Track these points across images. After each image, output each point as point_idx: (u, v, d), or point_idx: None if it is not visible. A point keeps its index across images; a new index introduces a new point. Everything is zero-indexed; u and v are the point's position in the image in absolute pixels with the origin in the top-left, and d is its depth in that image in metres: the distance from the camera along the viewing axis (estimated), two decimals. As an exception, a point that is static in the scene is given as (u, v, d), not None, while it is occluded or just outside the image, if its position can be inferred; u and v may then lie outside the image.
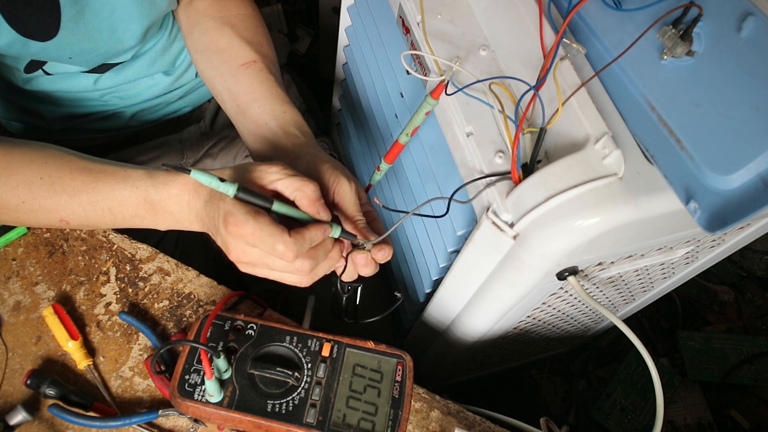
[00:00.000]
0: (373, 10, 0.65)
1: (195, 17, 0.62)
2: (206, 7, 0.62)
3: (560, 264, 0.47)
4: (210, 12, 0.62)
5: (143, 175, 0.48)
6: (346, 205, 0.49)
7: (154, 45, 0.65)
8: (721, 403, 1.10)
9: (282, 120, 0.55)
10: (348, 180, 0.49)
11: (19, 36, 0.52)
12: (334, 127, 0.96)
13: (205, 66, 0.61)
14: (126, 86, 0.67)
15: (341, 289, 0.52)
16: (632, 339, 0.52)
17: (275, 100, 0.56)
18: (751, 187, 0.37)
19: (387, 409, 0.48)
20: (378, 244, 0.48)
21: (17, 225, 0.58)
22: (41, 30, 0.53)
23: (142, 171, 0.49)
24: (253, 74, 0.58)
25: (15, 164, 0.48)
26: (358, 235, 0.48)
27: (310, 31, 1.37)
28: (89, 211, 0.49)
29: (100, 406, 0.52)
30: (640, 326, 1.21)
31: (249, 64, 0.58)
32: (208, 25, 0.61)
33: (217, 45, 0.60)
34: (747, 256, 1.29)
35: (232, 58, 0.59)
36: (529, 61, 0.50)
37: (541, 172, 0.44)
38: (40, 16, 0.52)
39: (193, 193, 0.47)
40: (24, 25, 0.51)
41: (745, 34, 0.38)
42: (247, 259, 0.44)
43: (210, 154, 0.81)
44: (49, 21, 0.52)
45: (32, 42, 0.53)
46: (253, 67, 0.58)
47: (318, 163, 0.50)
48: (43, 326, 0.56)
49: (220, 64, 0.59)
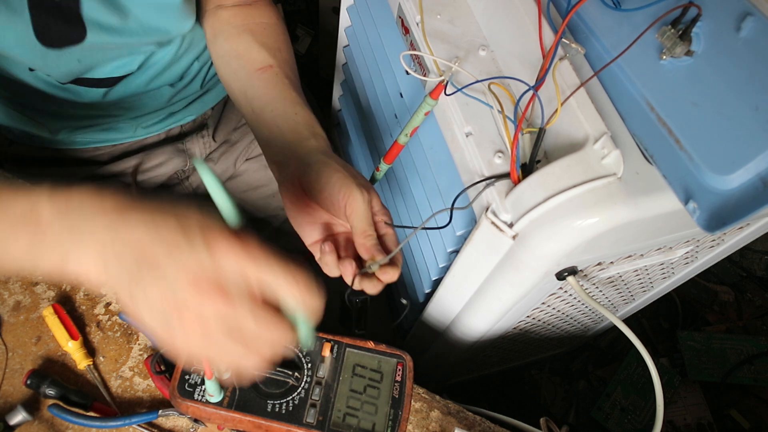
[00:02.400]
0: (372, 10, 0.65)
1: (218, 25, 0.63)
2: (230, 15, 0.63)
3: (559, 264, 0.47)
4: (233, 20, 0.62)
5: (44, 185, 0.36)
6: (356, 220, 0.46)
7: (161, 58, 0.65)
8: (721, 403, 1.10)
9: (293, 122, 0.54)
10: (361, 191, 0.46)
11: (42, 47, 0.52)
12: (334, 127, 0.96)
13: (225, 71, 0.61)
14: (132, 98, 0.67)
15: (349, 303, 0.51)
16: (632, 339, 0.52)
17: (288, 103, 0.56)
18: (751, 187, 0.37)
19: (387, 409, 0.48)
20: (384, 266, 0.46)
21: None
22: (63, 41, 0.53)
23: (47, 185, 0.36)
24: (268, 78, 0.58)
25: None
26: (366, 254, 0.46)
27: (310, 31, 1.37)
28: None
29: (100, 406, 0.52)
30: (640, 326, 1.21)
31: (265, 69, 0.58)
32: (230, 32, 0.62)
33: (236, 50, 0.60)
34: (747, 256, 1.29)
35: (249, 63, 0.59)
36: (528, 61, 0.50)
37: (540, 172, 0.44)
38: (66, 30, 0.52)
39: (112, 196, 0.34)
40: (50, 38, 0.52)
41: (744, 34, 0.38)
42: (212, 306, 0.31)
43: (211, 159, 0.81)
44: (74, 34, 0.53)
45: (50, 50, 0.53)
46: (269, 72, 0.58)
47: (329, 172, 0.47)
48: (43, 326, 0.56)
49: (238, 68, 0.59)
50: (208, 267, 0.32)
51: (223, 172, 0.82)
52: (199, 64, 0.70)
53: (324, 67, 1.36)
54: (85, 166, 0.72)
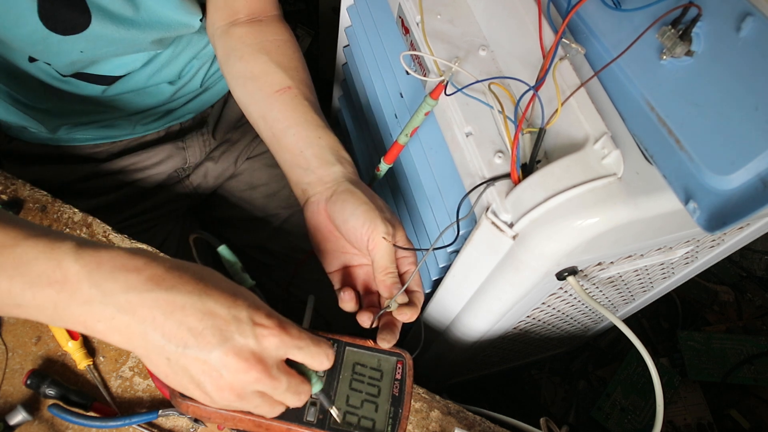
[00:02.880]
0: (372, 10, 0.65)
1: (231, 44, 0.61)
2: (243, 33, 0.61)
3: (559, 264, 0.47)
4: (246, 39, 0.61)
5: (68, 239, 0.35)
6: (378, 256, 0.46)
7: (160, 55, 0.65)
8: (721, 403, 1.10)
9: (317, 147, 0.53)
10: (385, 225, 0.46)
11: (46, 29, 0.51)
12: (334, 127, 0.96)
13: (241, 93, 0.60)
14: (131, 95, 0.67)
15: None
16: (632, 339, 0.52)
17: (310, 126, 0.55)
18: (751, 187, 0.37)
19: (387, 407, 0.48)
20: (402, 307, 0.46)
21: None
22: (67, 27, 0.52)
23: (71, 238, 0.36)
24: (287, 100, 0.57)
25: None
26: (385, 291, 0.47)
27: (310, 31, 1.37)
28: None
29: (100, 406, 0.52)
30: (640, 326, 1.21)
31: (284, 90, 0.57)
32: (243, 51, 0.60)
33: (252, 72, 0.59)
34: (747, 256, 1.29)
35: (267, 85, 0.58)
36: (529, 61, 0.50)
37: (540, 172, 0.44)
38: (72, 16, 0.51)
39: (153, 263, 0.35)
40: (54, 21, 0.51)
41: (744, 34, 0.38)
42: (252, 378, 0.35)
43: (211, 158, 0.81)
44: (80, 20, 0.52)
45: (54, 35, 0.52)
46: (288, 94, 0.57)
47: (355, 203, 0.47)
48: (43, 326, 0.56)
49: (255, 91, 0.58)
50: (253, 346, 0.35)
51: (223, 170, 0.82)
52: (198, 62, 0.70)
53: (324, 67, 1.36)
54: (84, 163, 0.71)
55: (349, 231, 0.47)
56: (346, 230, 0.48)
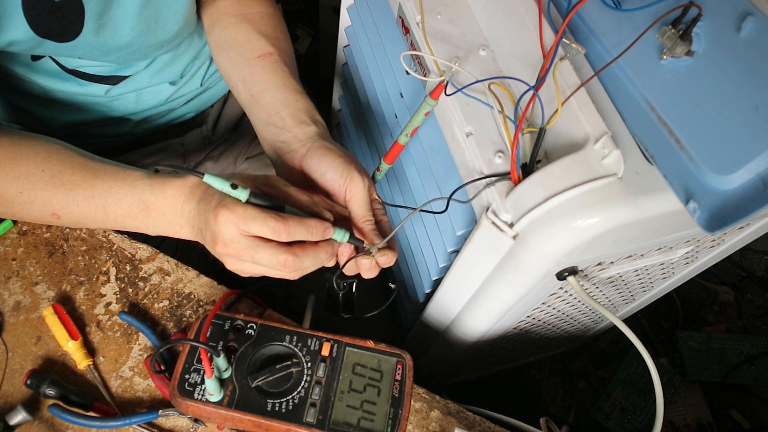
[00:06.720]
0: (372, 10, 0.65)
1: (216, 15, 0.64)
2: (228, 5, 0.64)
3: (560, 264, 0.47)
4: (231, 10, 0.63)
5: (142, 176, 0.49)
6: (356, 205, 0.49)
7: (162, 56, 0.65)
8: (721, 403, 1.10)
9: (294, 108, 0.55)
10: (361, 176, 0.49)
11: (36, 36, 0.52)
12: (334, 127, 0.96)
13: (223, 59, 0.62)
14: (132, 95, 0.67)
15: (336, 286, 0.52)
16: (632, 339, 0.52)
17: (288, 90, 0.57)
18: (751, 187, 0.37)
19: (387, 408, 0.48)
20: (382, 249, 0.48)
21: (8, 218, 0.59)
22: (60, 33, 0.53)
23: (142, 172, 0.50)
24: (267, 65, 0.59)
25: (20, 156, 0.49)
26: (365, 238, 0.48)
27: (310, 31, 1.37)
28: (83, 207, 0.49)
29: (100, 406, 0.52)
30: (640, 326, 1.21)
31: (264, 56, 0.59)
32: (228, 21, 0.62)
33: (236, 39, 0.61)
34: (747, 256, 1.29)
35: (248, 51, 0.60)
36: (529, 61, 0.50)
37: (540, 172, 0.44)
38: (62, 24, 0.52)
39: (188, 194, 0.47)
40: (44, 28, 0.52)
41: (744, 34, 0.38)
42: (234, 249, 0.43)
43: (211, 157, 0.81)
44: (69, 28, 0.53)
45: (48, 42, 0.53)
46: (269, 59, 0.59)
47: (332, 157, 0.49)
48: (43, 326, 0.56)
49: (237, 56, 0.60)
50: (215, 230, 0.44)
51: (222, 170, 0.82)
52: (198, 61, 0.70)
53: (324, 67, 1.36)
54: None
55: (327, 183, 0.50)
56: (324, 182, 0.50)
